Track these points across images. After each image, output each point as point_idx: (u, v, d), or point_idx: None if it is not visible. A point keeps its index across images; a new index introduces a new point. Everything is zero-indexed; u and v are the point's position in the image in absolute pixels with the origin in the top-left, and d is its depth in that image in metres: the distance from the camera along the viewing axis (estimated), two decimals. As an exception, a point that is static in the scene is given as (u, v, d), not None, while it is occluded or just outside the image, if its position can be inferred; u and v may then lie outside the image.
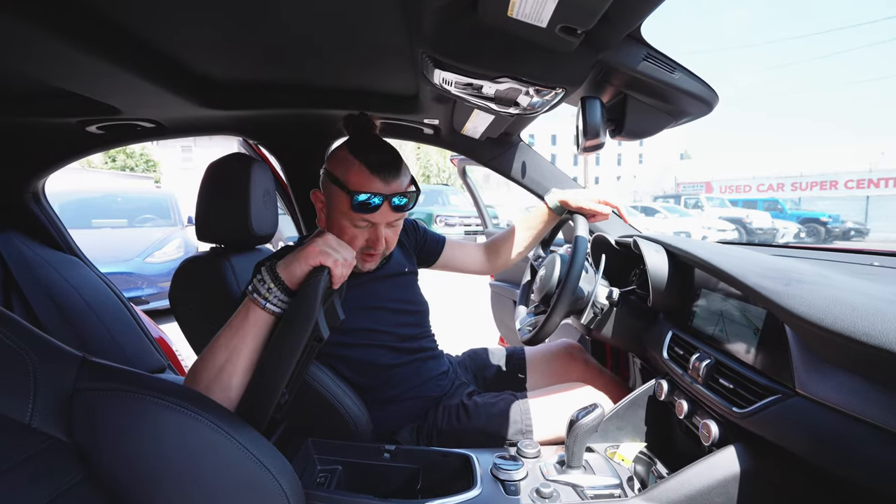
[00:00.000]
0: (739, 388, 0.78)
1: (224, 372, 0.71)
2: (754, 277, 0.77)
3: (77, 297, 1.44)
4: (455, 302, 4.87)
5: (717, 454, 0.76)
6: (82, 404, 0.57)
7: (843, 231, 13.65)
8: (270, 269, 0.75)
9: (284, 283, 0.74)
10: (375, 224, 0.94)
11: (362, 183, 0.90)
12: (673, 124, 0.87)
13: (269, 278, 0.74)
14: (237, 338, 0.72)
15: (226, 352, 0.71)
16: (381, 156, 0.92)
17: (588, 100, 0.78)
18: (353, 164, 0.91)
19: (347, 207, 0.90)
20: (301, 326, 0.68)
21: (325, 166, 0.97)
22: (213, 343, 0.73)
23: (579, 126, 0.98)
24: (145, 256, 4.54)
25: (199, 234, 1.12)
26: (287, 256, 0.76)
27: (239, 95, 1.18)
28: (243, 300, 0.92)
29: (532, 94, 0.79)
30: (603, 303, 1.18)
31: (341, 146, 0.96)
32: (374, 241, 0.95)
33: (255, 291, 0.74)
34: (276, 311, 0.73)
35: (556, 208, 1.25)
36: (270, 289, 0.73)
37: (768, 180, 20.96)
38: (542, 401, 1.10)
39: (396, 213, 0.94)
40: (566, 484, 0.88)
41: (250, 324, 0.72)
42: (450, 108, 1.19)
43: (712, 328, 0.95)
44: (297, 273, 0.74)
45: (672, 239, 1.18)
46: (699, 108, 0.79)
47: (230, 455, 0.63)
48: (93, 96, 1.06)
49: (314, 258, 0.74)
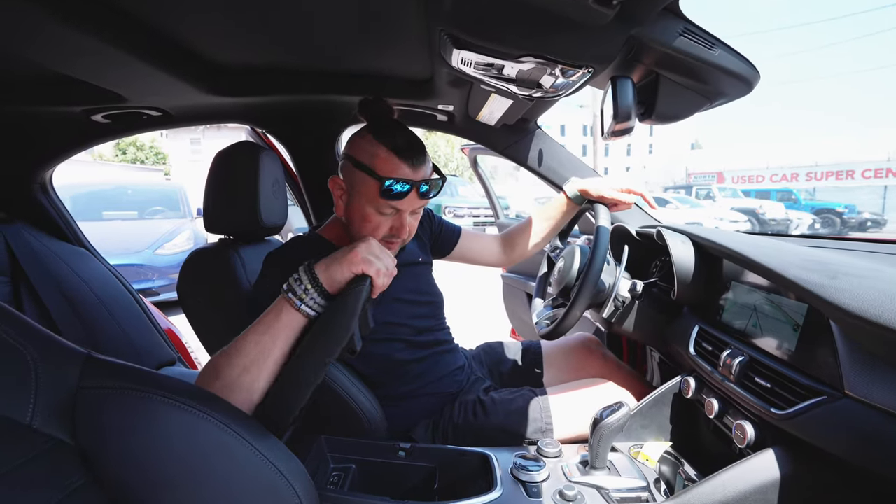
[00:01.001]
0: (777, 387, 0.74)
1: (249, 372, 0.67)
2: (795, 270, 0.72)
3: (87, 290, 1.42)
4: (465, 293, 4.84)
5: (755, 458, 0.71)
6: (86, 404, 0.54)
7: (860, 222, 13.36)
8: (309, 269, 0.72)
9: (323, 285, 0.70)
10: (401, 211, 0.91)
11: (391, 169, 0.86)
12: (707, 106, 0.81)
13: (307, 279, 0.71)
14: (267, 337, 0.69)
15: (254, 351, 0.68)
16: (407, 141, 0.89)
17: (619, 80, 0.73)
18: (380, 149, 0.87)
19: (375, 194, 0.86)
20: (337, 336, 0.65)
21: (346, 151, 0.92)
22: (240, 341, 0.69)
23: (604, 110, 0.93)
24: (155, 248, 4.56)
25: (208, 224, 1.09)
26: (327, 259, 0.73)
27: (246, 81, 1.14)
28: (254, 293, 0.89)
29: (557, 74, 0.74)
30: (625, 296, 1.14)
31: (363, 131, 0.92)
32: (399, 228, 0.91)
33: (290, 291, 0.70)
34: (310, 314, 0.70)
35: (576, 198, 1.21)
36: (307, 290, 0.70)
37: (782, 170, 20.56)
38: (562, 398, 1.06)
39: (422, 199, 0.90)
40: (590, 486, 0.84)
41: (283, 324, 0.69)
42: (465, 93, 1.14)
43: (744, 323, 0.90)
44: (338, 278, 0.71)
45: (698, 229, 1.13)
46: (738, 87, 0.73)
47: (241, 458, 0.60)
48: (97, 83, 1.03)
49: (357, 265, 0.71)
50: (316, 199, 1.57)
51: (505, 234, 1.34)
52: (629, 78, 0.73)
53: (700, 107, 0.81)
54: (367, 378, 1.05)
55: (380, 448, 0.94)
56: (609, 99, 0.87)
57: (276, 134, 1.49)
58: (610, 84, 0.74)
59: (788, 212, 12.95)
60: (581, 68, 0.71)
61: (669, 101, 0.78)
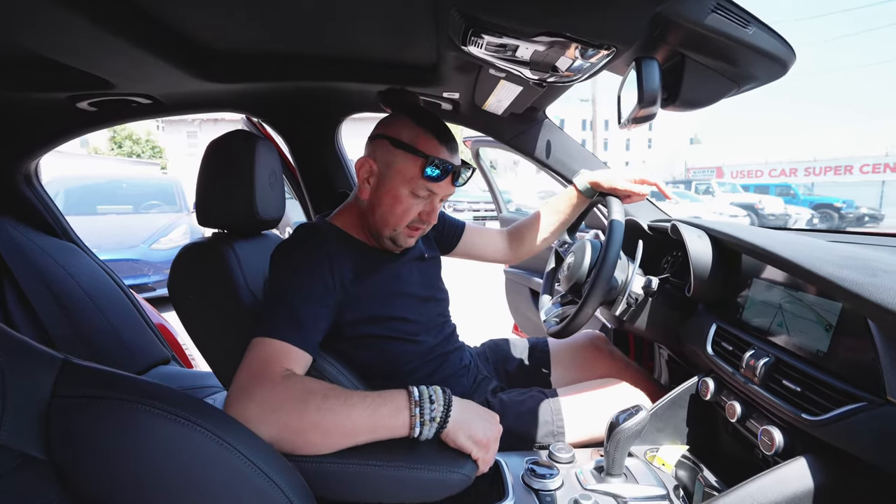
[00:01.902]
0: (808, 391, 0.69)
1: (329, 438, 0.65)
2: (830, 267, 0.67)
3: (74, 286, 1.37)
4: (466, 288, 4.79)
5: (785, 466, 0.67)
6: (63, 415, 0.49)
7: (858, 217, 13.36)
8: (447, 404, 0.69)
9: (446, 428, 0.68)
10: (434, 195, 0.90)
11: (433, 150, 0.86)
12: (734, 92, 0.76)
13: (441, 413, 0.68)
14: (368, 425, 0.66)
15: (348, 423, 0.65)
16: (444, 127, 0.89)
17: (644, 61, 0.67)
18: (420, 131, 0.86)
19: (416, 173, 0.86)
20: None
21: (380, 132, 0.91)
22: (350, 400, 0.67)
23: (622, 96, 0.87)
24: (151, 243, 4.50)
25: (201, 218, 1.03)
26: (464, 407, 0.72)
27: (240, 66, 1.08)
28: (277, 288, 0.85)
29: (576, 55, 0.68)
30: (637, 293, 1.09)
31: (397, 114, 0.92)
32: (430, 212, 0.91)
33: (418, 406, 0.67)
34: (416, 437, 0.67)
35: (586, 190, 1.15)
36: (434, 420, 0.67)
37: (781, 165, 20.55)
38: (573, 399, 1.02)
39: (454, 185, 0.91)
40: (607, 494, 0.79)
41: (389, 427, 0.67)
42: (472, 80, 1.08)
43: (767, 322, 0.85)
44: (457, 440, 0.68)
45: (714, 223, 1.08)
46: (771, 70, 0.68)
47: (236, 471, 0.55)
48: (82, 67, 0.97)
49: (477, 449, 0.69)
50: (315, 192, 1.52)
51: (512, 228, 1.29)
52: (655, 59, 0.67)
53: (727, 92, 0.75)
54: (369, 380, 1.00)
55: (383, 453, 0.90)
56: (628, 84, 0.82)
57: (273, 123, 1.42)
58: (633, 66, 0.69)
59: (787, 207, 12.95)
60: (602, 48, 0.66)
61: (695, 85, 0.72)
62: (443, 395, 0.69)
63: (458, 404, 0.71)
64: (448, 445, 0.69)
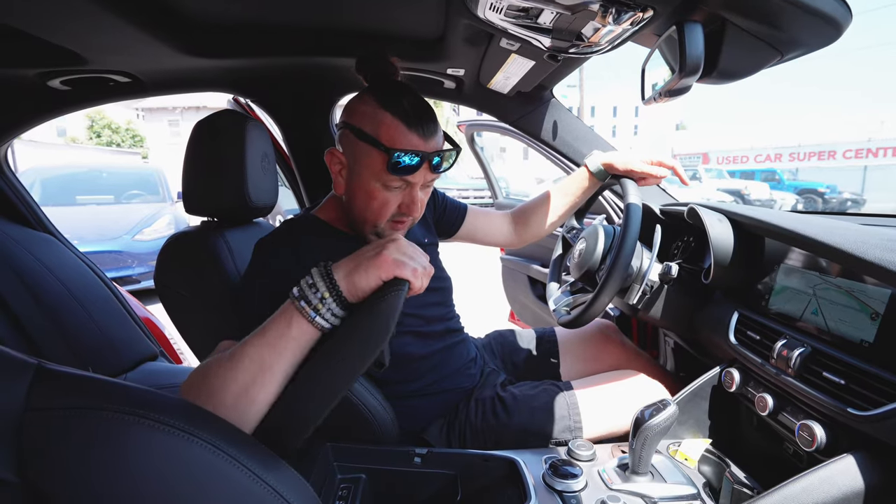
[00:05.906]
0: (854, 384, 0.65)
1: (250, 392, 0.57)
2: (877, 251, 0.62)
3: (53, 280, 1.28)
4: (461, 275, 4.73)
5: (831, 465, 0.63)
6: (38, 430, 0.42)
7: (840, 202, 13.57)
8: (326, 274, 0.60)
9: (343, 294, 0.59)
10: (412, 185, 0.79)
11: (399, 138, 0.74)
12: (777, 61, 0.70)
13: (325, 286, 0.59)
14: (272, 353, 0.58)
15: (254, 368, 0.57)
16: (416, 106, 0.76)
17: (688, 24, 0.60)
18: (385, 117, 0.74)
19: (381, 168, 0.74)
20: (370, 350, 0.54)
21: (344, 119, 0.80)
22: (237, 354, 0.58)
23: (646, 70, 0.81)
24: (134, 234, 4.35)
25: (188, 206, 0.95)
26: (347, 261, 0.62)
27: (227, 39, 0.99)
28: (244, 286, 0.77)
29: (607, 20, 0.61)
30: (653, 280, 1.04)
31: (363, 95, 0.79)
32: (410, 204, 0.80)
33: (301, 298, 0.59)
34: (325, 328, 0.59)
35: (599, 172, 1.10)
36: (324, 299, 0.59)
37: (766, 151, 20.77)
38: (590, 392, 0.97)
39: (434, 172, 0.78)
40: (634, 494, 0.75)
41: (291, 338, 0.58)
42: (480, 54, 1.00)
43: (798, 310, 0.80)
44: (363, 286, 0.60)
45: (734, 206, 1.03)
46: (822, 34, 0.61)
47: (236, 485, 0.49)
48: (50, 38, 0.87)
49: (388, 269, 0.60)
50: (309, 179, 1.44)
51: (517, 210, 1.23)
52: (698, 22, 0.61)
53: (769, 61, 0.69)
54: (372, 374, 0.94)
55: (392, 455, 0.84)
56: (655, 56, 0.76)
57: (263, 103, 1.33)
58: (675, 31, 0.62)
59: (773, 192, 13.10)
60: (637, 10, 0.59)
61: (736, 53, 0.66)
62: (317, 272, 0.61)
63: (341, 263, 0.62)
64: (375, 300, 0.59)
